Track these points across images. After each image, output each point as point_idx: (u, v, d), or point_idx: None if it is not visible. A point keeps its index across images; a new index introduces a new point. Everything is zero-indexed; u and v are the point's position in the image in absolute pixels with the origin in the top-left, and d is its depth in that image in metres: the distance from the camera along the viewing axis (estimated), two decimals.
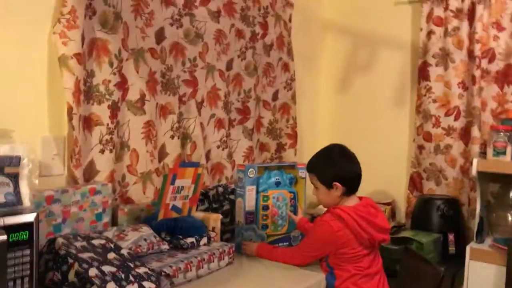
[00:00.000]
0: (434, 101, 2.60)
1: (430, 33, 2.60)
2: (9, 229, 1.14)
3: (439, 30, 2.58)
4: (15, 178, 1.22)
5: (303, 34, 2.89)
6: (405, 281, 1.99)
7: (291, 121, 2.75)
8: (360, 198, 1.83)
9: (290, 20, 2.72)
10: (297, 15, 2.77)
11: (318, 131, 3.06)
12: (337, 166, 1.78)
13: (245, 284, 1.61)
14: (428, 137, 2.63)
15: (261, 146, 2.63)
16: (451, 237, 2.38)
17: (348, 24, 3.00)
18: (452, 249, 2.38)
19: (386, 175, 2.80)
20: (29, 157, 1.25)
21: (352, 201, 1.78)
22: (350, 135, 2.96)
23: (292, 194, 2.05)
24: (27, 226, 1.18)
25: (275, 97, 2.67)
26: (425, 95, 2.63)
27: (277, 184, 2.03)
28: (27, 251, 1.18)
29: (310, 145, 2.95)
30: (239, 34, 2.40)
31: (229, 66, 2.36)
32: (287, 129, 2.74)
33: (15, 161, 1.22)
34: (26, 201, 1.24)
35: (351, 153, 1.83)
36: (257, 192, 1.98)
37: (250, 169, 1.95)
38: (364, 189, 1.87)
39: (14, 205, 1.21)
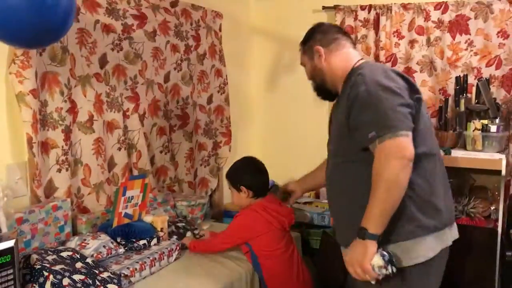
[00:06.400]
0: None
1: None
2: None
3: None
4: None
5: (233, 40, 3.18)
6: (323, 259, 2.42)
7: (225, 121, 3.07)
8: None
9: (220, 30, 3.01)
10: (226, 23, 3.05)
11: (251, 128, 3.40)
12: (245, 175, 2.19)
13: (191, 275, 1.93)
14: None
15: (199, 146, 2.94)
16: None
17: (273, 29, 3.33)
18: None
19: (310, 165, 3.19)
20: (3, 192, 1.50)
21: (260, 201, 2.18)
22: (280, 129, 3.33)
23: None
24: (9, 250, 1.45)
25: (209, 100, 2.97)
26: None
27: None
28: (11, 270, 1.45)
29: (243, 142, 3.29)
30: (174, 48, 2.66)
31: (166, 79, 2.63)
32: (221, 128, 3.06)
33: None
34: (4, 228, 1.50)
35: (258, 163, 2.24)
36: None
37: None
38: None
39: None
